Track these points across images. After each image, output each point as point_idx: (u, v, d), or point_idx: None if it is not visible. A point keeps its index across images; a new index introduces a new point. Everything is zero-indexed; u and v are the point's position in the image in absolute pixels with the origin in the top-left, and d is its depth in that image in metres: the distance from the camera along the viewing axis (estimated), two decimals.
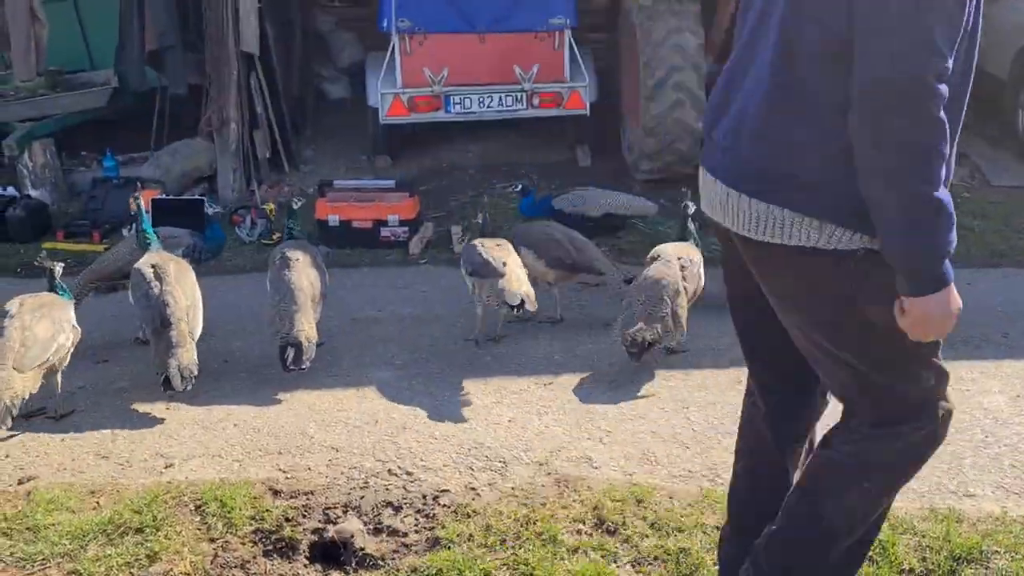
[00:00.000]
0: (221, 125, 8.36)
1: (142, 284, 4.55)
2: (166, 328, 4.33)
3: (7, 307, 4.18)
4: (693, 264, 5.01)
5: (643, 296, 4.69)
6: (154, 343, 4.38)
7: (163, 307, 4.39)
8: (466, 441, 3.97)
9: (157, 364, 4.28)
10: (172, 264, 4.70)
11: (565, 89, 8.43)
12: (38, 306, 4.22)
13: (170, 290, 4.48)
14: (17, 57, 7.84)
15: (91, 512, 3.42)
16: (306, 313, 4.64)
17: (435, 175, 9.04)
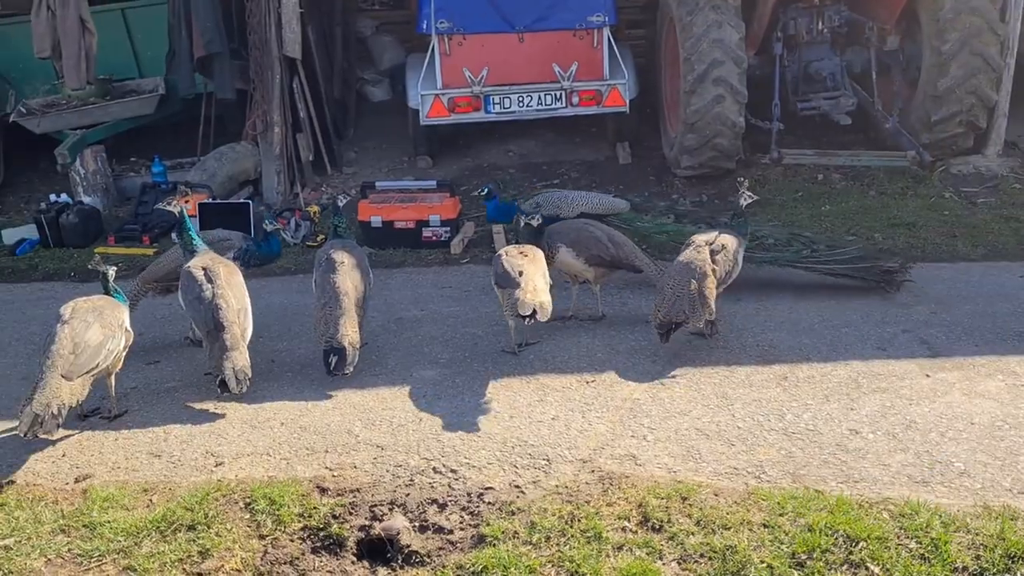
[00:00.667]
0: (265, 129, 8.50)
1: (193, 287, 4.62)
2: (219, 331, 4.40)
3: (61, 311, 4.26)
4: (726, 250, 5.08)
5: (672, 280, 4.90)
6: (208, 346, 4.45)
7: (216, 310, 4.47)
8: (510, 439, 3.98)
9: (212, 367, 4.36)
10: (222, 267, 4.78)
11: (604, 87, 8.41)
12: (91, 310, 4.29)
13: (222, 293, 4.55)
14: (69, 67, 8.03)
15: (145, 509, 3.50)
16: (350, 317, 4.68)
17: (476, 175, 9.07)
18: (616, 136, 9.37)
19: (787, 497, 3.38)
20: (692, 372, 4.63)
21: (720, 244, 5.09)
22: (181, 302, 4.75)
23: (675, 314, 4.74)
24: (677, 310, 4.75)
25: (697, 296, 4.78)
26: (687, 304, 4.75)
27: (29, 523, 3.42)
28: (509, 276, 4.79)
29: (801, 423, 4.02)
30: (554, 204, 6.31)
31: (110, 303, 4.44)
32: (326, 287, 4.84)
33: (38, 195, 8.89)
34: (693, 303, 4.76)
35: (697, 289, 4.79)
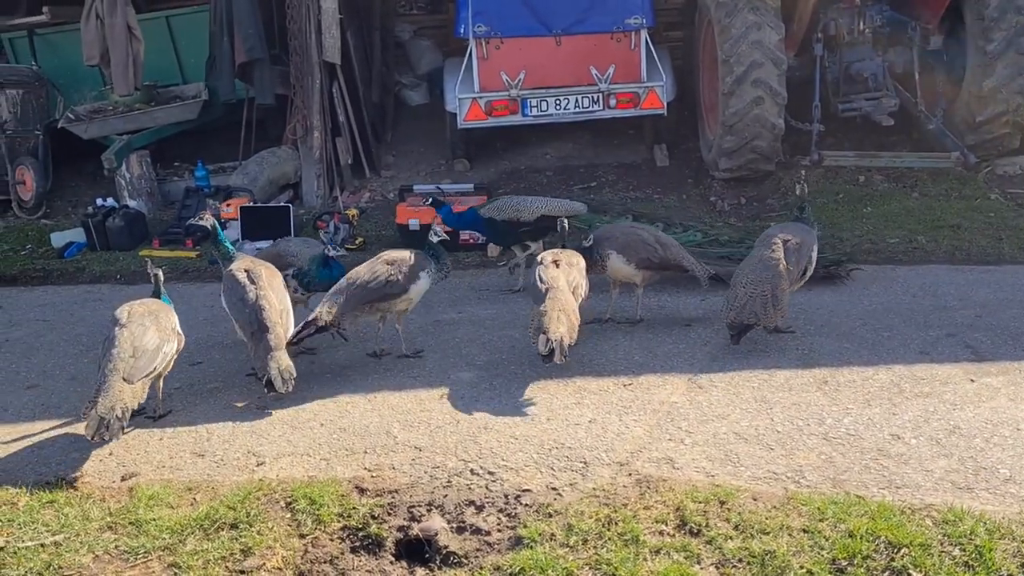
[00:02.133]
0: (305, 134, 8.62)
1: (237, 289, 4.70)
2: (264, 332, 4.47)
3: (117, 315, 4.33)
4: (802, 246, 5.01)
5: (744, 279, 4.87)
6: (252, 347, 4.52)
7: (259, 311, 4.54)
8: (547, 441, 3.99)
9: (258, 367, 4.43)
10: (263, 268, 4.85)
11: (642, 89, 8.39)
12: (146, 314, 4.35)
13: (264, 295, 4.62)
14: (117, 74, 8.22)
15: (188, 508, 3.57)
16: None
17: (513, 178, 9.10)
18: (654, 138, 9.35)
19: (827, 502, 3.34)
20: (730, 376, 4.60)
21: (796, 240, 5.01)
22: (224, 305, 4.83)
23: (746, 315, 4.72)
24: (748, 311, 4.73)
25: (770, 297, 4.75)
26: (759, 305, 4.73)
27: (78, 520, 3.50)
28: (537, 291, 4.74)
29: (842, 428, 3.97)
30: (513, 208, 6.25)
31: (162, 307, 4.50)
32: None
33: (85, 199, 9.10)
34: (765, 304, 4.73)
35: (771, 290, 4.76)
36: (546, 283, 4.71)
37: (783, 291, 4.81)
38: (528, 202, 6.28)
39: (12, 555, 3.32)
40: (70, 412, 4.62)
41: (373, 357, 5.06)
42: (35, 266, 7.64)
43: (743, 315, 4.72)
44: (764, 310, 4.72)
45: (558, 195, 8.56)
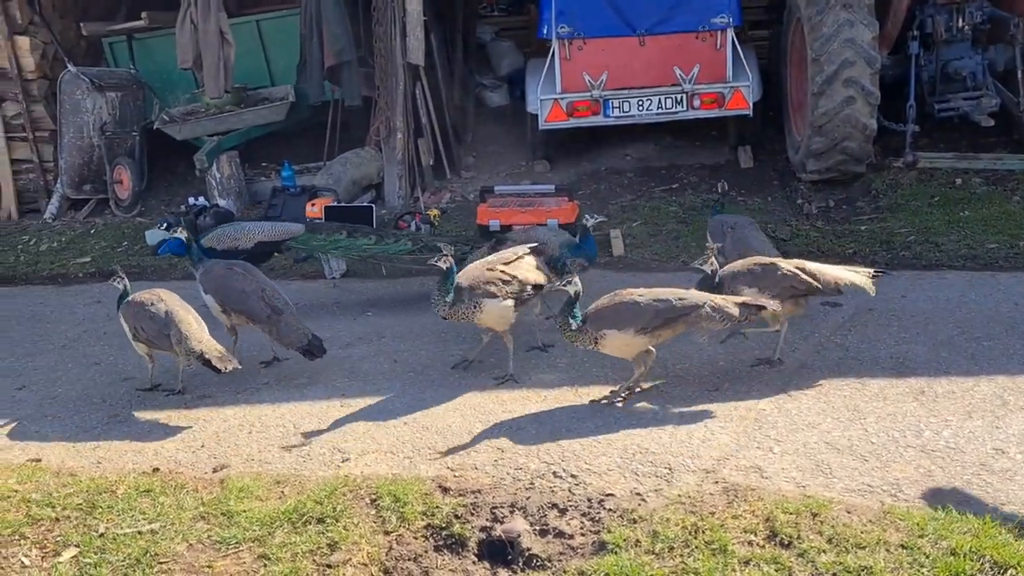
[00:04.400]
0: (388, 135, 8.73)
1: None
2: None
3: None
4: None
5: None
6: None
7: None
8: (630, 446, 3.94)
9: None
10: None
11: (727, 89, 8.24)
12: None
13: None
14: (209, 77, 8.46)
15: (277, 501, 3.64)
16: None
17: (592, 179, 9.04)
18: (738, 139, 9.17)
19: (927, 518, 3.21)
20: (820, 384, 4.46)
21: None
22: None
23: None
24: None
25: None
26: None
27: (172, 509, 3.61)
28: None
29: (941, 440, 3.81)
30: (231, 238, 6.31)
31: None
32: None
33: (178, 198, 9.41)
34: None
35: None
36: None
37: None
38: (246, 229, 6.39)
39: (112, 541, 3.43)
40: (165, 404, 4.77)
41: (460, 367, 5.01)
42: (130, 262, 7.92)
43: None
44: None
45: (639, 196, 8.50)
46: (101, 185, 9.29)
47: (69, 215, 9.31)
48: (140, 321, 4.78)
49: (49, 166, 9.44)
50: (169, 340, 4.66)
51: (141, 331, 4.78)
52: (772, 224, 7.53)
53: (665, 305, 4.28)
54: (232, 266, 5.24)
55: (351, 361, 5.21)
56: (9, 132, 9.33)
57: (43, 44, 9.34)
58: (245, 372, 5.12)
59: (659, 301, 4.30)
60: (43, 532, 3.52)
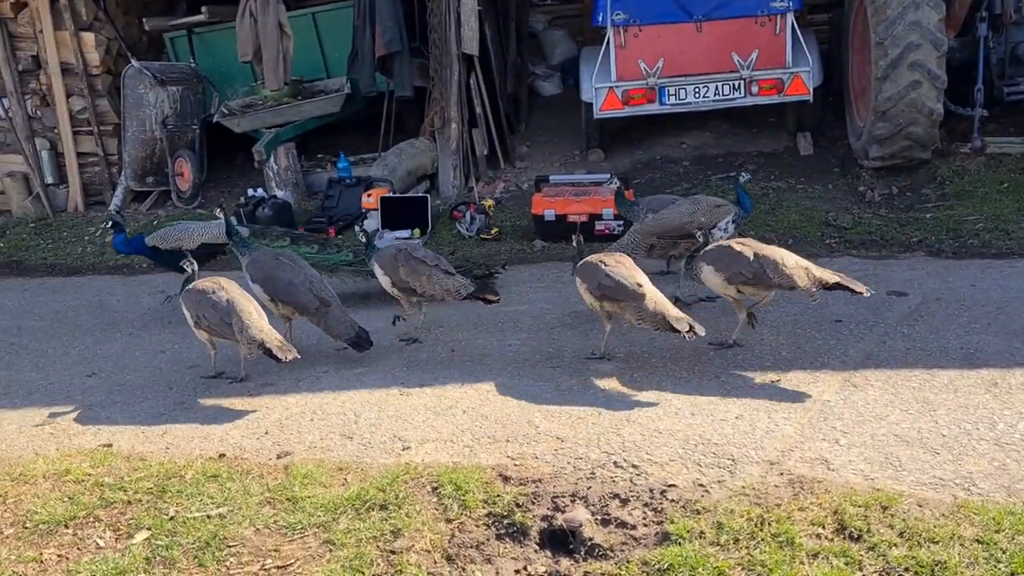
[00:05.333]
0: (443, 125, 8.75)
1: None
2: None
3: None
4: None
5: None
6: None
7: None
8: (692, 436, 3.89)
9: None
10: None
11: (787, 75, 8.08)
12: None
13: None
14: (268, 69, 8.57)
15: (340, 487, 3.68)
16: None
17: (648, 168, 8.96)
18: (797, 126, 8.99)
19: (1003, 512, 3.11)
20: (887, 374, 4.36)
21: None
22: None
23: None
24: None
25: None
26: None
27: (239, 494, 3.67)
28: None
29: (1016, 433, 3.69)
30: (175, 238, 6.32)
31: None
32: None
33: (236, 190, 9.56)
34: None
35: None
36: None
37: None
38: (189, 230, 6.40)
39: (182, 524, 3.51)
40: (228, 391, 4.86)
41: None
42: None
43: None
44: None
45: (695, 185, 8.40)
46: (163, 177, 9.49)
47: (132, 207, 9.53)
48: (202, 309, 4.83)
49: (113, 159, 9.67)
50: (231, 329, 4.71)
51: (203, 319, 4.83)
52: (833, 212, 7.39)
53: (753, 267, 4.58)
54: (279, 256, 5.33)
55: (408, 350, 5.25)
56: (75, 126, 9.57)
57: (107, 40, 9.56)
58: (305, 360, 5.20)
59: (757, 259, 4.60)
60: (116, 515, 3.62)
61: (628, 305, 4.57)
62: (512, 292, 6.24)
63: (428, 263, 5.29)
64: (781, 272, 4.56)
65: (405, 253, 5.35)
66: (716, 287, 4.82)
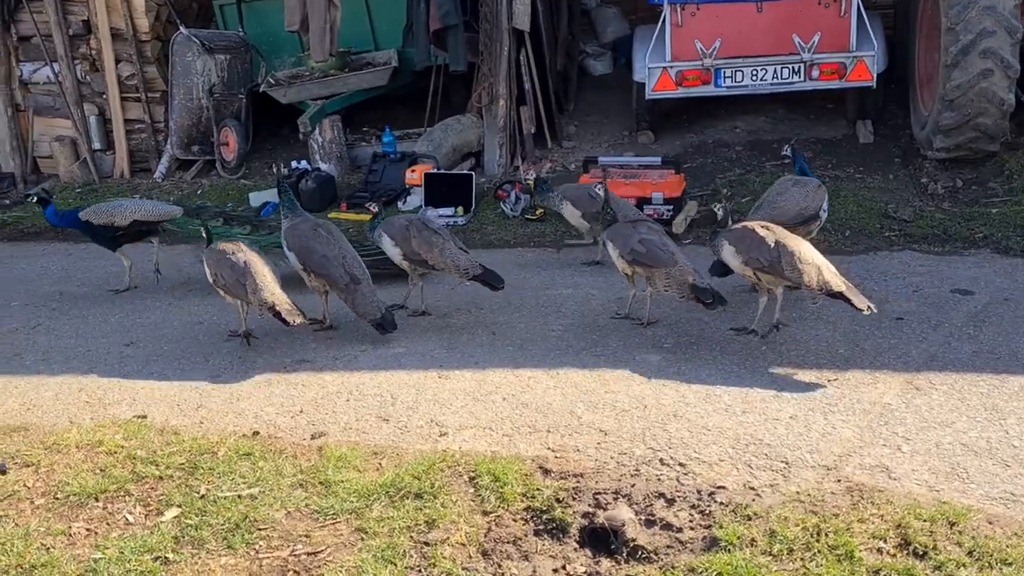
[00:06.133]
0: (491, 102, 8.56)
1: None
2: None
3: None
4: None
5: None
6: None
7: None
8: (742, 435, 3.71)
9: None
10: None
11: (849, 59, 7.75)
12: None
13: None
14: (315, 40, 8.45)
15: (375, 473, 3.57)
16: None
17: (699, 152, 8.69)
18: (857, 113, 8.65)
19: None
20: (952, 378, 4.12)
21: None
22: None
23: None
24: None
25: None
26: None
27: (271, 475, 3.57)
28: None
29: None
30: (107, 214, 6.20)
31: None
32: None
33: (281, 160, 9.45)
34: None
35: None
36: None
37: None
38: (123, 207, 6.31)
39: (213, 503, 3.42)
40: (264, 366, 4.77)
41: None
42: None
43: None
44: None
45: (749, 171, 8.13)
46: (209, 146, 9.45)
47: (177, 175, 9.51)
48: (220, 268, 4.99)
49: (160, 126, 9.64)
50: (245, 289, 4.86)
51: (220, 277, 5.01)
52: (893, 204, 7.08)
53: (771, 255, 4.42)
54: (318, 227, 5.23)
55: (449, 331, 5.11)
56: (123, 92, 9.55)
57: (157, 6, 9.51)
58: (343, 338, 5.11)
59: (777, 247, 4.42)
60: (147, 490, 3.54)
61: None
62: (556, 275, 6.08)
63: (442, 235, 5.24)
64: (794, 266, 4.40)
65: (418, 224, 5.30)
66: (734, 267, 4.70)
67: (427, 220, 5.41)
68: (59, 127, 9.76)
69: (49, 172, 9.86)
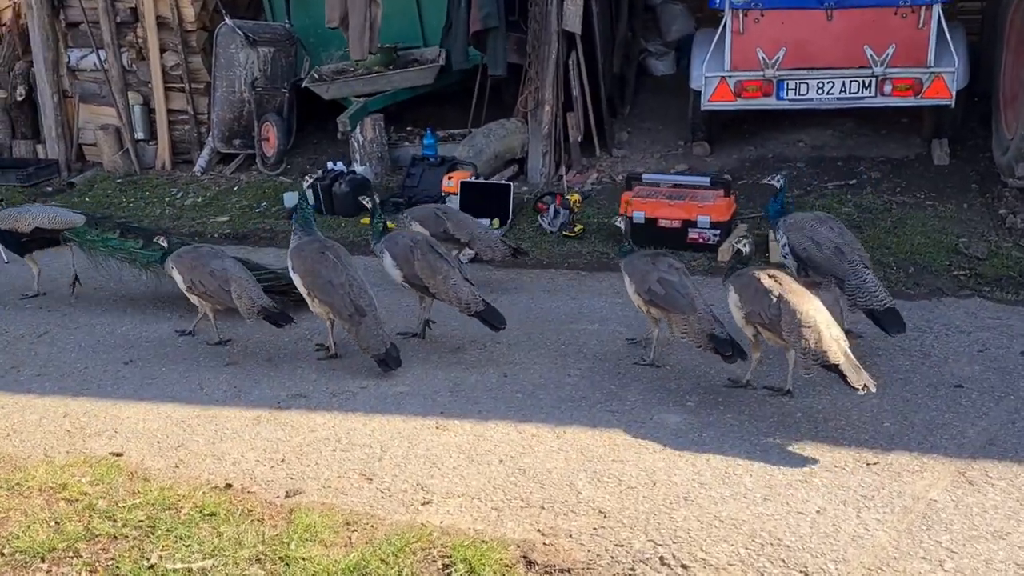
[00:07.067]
0: (536, 107, 8.14)
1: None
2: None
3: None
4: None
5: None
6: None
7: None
8: (759, 531, 3.26)
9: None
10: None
11: (926, 75, 7.09)
12: None
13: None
14: (354, 38, 8.14)
15: (342, 549, 3.23)
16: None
17: (757, 167, 8.12)
18: (933, 131, 7.96)
19: None
20: (1013, 471, 3.58)
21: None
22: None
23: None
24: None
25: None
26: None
27: (230, 544, 3.26)
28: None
29: None
30: (12, 219, 6.06)
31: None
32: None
33: (323, 157, 9.23)
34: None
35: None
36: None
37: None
38: (27, 212, 6.16)
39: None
40: (259, 401, 4.49)
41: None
42: (264, 225, 7.81)
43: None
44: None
45: (808, 192, 7.55)
46: (250, 141, 9.25)
47: (217, 169, 9.34)
48: (199, 275, 5.00)
49: (203, 118, 9.48)
50: (229, 295, 4.91)
51: (199, 285, 4.97)
52: (966, 238, 6.45)
53: (771, 312, 4.03)
54: (325, 249, 4.89)
55: (457, 369, 4.75)
56: (168, 82, 9.42)
57: None
58: (345, 370, 4.80)
59: (779, 303, 4.03)
60: (97, 551, 3.28)
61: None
62: (585, 305, 5.66)
63: (448, 261, 4.94)
64: (792, 328, 3.96)
65: (424, 245, 4.96)
66: (736, 321, 4.31)
67: (433, 242, 5.06)
68: (104, 115, 9.68)
69: (93, 160, 9.81)
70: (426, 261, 4.87)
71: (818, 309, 4.03)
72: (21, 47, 9.81)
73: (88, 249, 6.00)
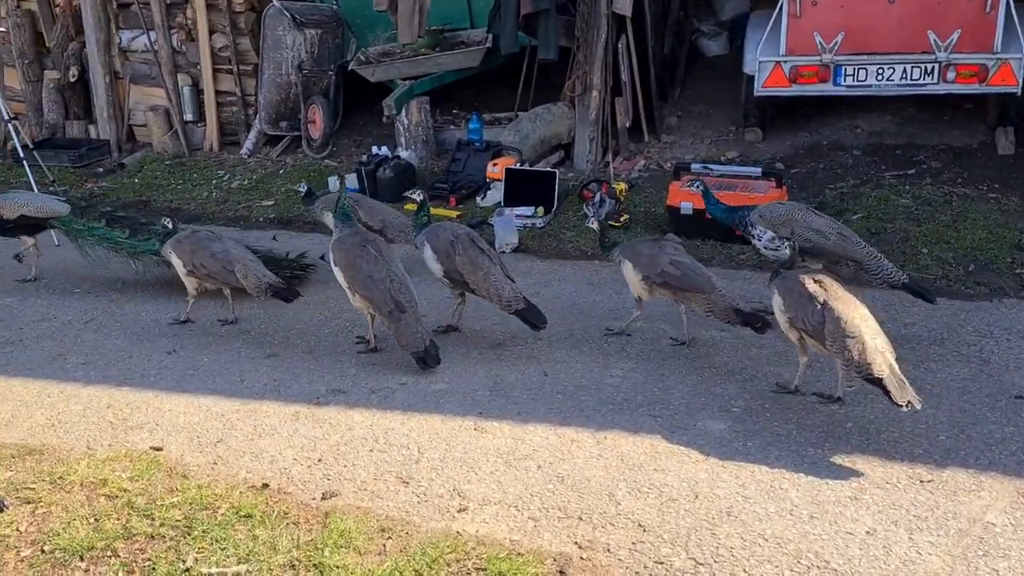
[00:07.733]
0: (584, 92, 7.98)
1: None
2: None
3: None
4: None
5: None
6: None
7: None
8: (805, 552, 3.14)
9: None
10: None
11: (993, 61, 6.78)
12: None
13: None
14: (403, 22, 8.05)
15: (376, 558, 3.19)
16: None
17: (812, 155, 7.87)
18: (998, 119, 7.64)
19: None
20: None
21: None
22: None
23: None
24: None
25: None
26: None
27: (265, 548, 3.25)
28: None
29: None
30: None
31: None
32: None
33: (369, 140, 9.19)
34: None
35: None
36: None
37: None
38: (13, 199, 6.18)
39: None
40: (298, 395, 4.48)
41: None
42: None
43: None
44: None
45: (865, 182, 7.29)
46: (296, 123, 9.24)
47: (264, 151, 9.36)
48: (200, 258, 5.15)
49: (251, 100, 9.51)
50: (235, 275, 5.09)
51: (201, 267, 5.11)
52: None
53: (814, 319, 3.89)
54: (367, 243, 4.82)
55: (498, 366, 4.68)
56: (216, 64, 9.44)
57: None
58: (385, 366, 4.77)
59: (824, 310, 3.88)
60: (135, 551, 3.29)
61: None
62: (628, 300, 5.51)
63: (490, 257, 4.86)
64: (835, 337, 3.81)
65: (466, 239, 4.89)
66: (781, 326, 4.18)
67: (475, 237, 4.98)
68: (154, 96, 9.76)
69: (144, 141, 9.90)
70: (467, 256, 4.80)
71: (864, 318, 3.86)
72: (74, 28, 9.91)
73: (75, 237, 6.06)
